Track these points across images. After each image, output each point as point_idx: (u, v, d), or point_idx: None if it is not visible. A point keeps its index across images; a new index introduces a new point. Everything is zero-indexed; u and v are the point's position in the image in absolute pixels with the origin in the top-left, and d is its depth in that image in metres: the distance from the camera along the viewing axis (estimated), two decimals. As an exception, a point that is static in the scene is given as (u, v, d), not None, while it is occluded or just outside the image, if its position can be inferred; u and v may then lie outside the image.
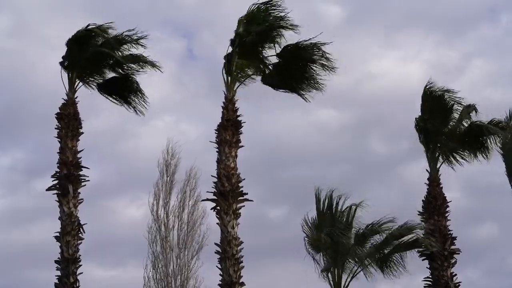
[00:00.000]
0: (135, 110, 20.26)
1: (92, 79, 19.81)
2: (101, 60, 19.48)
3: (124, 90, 20.12)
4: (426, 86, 20.66)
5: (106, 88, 20.04)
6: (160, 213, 31.35)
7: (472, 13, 46.54)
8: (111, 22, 18.92)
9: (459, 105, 20.73)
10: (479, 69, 45.26)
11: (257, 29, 18.59)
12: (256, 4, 18.68)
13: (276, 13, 18.73)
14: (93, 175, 19.40)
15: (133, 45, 19.28)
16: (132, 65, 19.63)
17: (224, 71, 18.79)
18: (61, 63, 19.08)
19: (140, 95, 20.13)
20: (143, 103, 20.19)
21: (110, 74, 19.95)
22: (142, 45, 19.23)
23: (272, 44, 19.09)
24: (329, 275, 18.96)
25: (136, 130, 43.77)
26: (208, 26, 43.95)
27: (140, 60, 19.45)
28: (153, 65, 19.44)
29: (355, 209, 19.44)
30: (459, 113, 20.74)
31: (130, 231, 37.15)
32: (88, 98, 19.82)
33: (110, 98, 20.25)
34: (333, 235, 18.80)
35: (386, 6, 46.37)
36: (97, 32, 18.98)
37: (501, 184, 21.25)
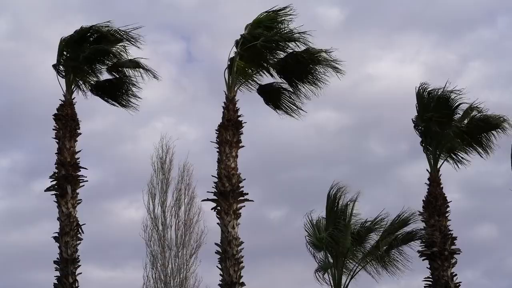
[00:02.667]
0: (126, 108, 19.98)
1: (88, 80, 19.58)
2: (97, 59, 19.24)
3: (116, 90, 19.83)
4: (419, 86, 20.57)
5: (99, 89, 19.83)
6: (157, 211, 31.23)
7: (469, 15, 46.63)
8: (108, 21, 18.73)
9: (460, 107, 20.67)
10: (476, 71, 45.35)
11: (263, 37, 18.46)
12: (266, 12, 18.57)
13: (285, 22, 18.65)
14: (92, 177, 19.42)
15: (128, 43, 19.03)
16: (130, 69, 19.43)
17: (226, 71, 18.71)
18: (55, 66, 18.86)
19: (131, 94, 19.81)
20: (135, 101, 19.91)
21: (106, 76, 19.71)
22: (135, 45, 18.97)
23: (276, 52, 18.99)
24: (327, 275, 18.77)
25: (135, 132, 43.72)
26: (207, 29, 43.88)
27: (138, 66, 19.21)
28: (148, 71, 19.17)
29: (353, 205, 18.99)
30: (460, 111, 20.70)
31: (129, 233, 37.18)
32: (87, 99, 19.78)
33: (103, 99, 20.03)
34: (334, 234, 18.66)
35: (384, 8, 46.42)
36: (92, 31, 18.81)
37: (501, 184, 21.26)
